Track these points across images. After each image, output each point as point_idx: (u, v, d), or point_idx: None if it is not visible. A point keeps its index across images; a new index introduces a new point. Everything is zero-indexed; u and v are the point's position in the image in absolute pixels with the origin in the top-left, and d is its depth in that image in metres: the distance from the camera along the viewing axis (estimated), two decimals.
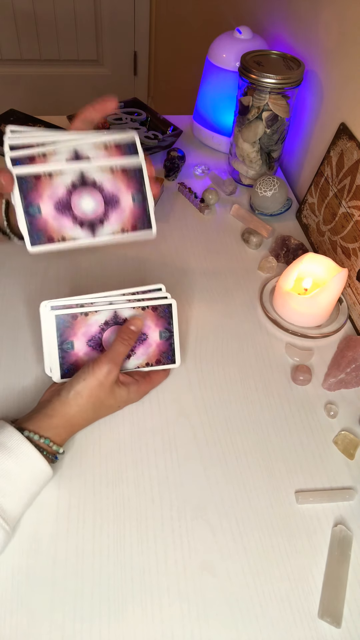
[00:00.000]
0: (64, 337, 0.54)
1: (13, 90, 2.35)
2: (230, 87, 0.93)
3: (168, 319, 0.57)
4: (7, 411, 0.57)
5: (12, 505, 0.45)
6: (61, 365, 0.55)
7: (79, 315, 0.54)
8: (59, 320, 0.53)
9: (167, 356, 0.59)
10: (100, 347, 0.56)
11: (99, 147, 0.53)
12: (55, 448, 0.50)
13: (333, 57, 0.80)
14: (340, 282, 0.66)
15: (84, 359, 0.55)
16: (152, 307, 0.57)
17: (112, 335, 0.56)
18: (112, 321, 0.55)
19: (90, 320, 0.54)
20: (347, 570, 0.48)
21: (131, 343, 0.55)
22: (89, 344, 0.55)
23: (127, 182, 0.54)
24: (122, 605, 0.45)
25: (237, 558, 0.48)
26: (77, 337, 0.55)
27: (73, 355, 0.55)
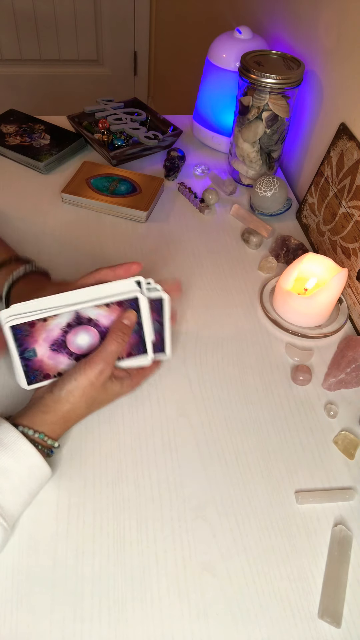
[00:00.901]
0: (24, 346, 0.52)
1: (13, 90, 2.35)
2: (230, 87, 0.93)
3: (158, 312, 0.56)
4: (2, 408, 0.57)
5: (10, 502, 0.45)
6: (26, 373, 0.53)
7: (37, 322, 0.51)
8: (16, 332, 0.51)
9: (138, 348, 0.57)
10: (65, 349, 0.54)
11: (101, 308, 0.54)
12: (50, 442, 0.50)
13: (333, 57, 0.80)
14: (340, 282, 0.66)
15: (50, 363, 0.53)
16: (116, 302, 0.53)
17: (78, 337, 0.54)
18: (75, 322, 0.53)
19: (51, 325, 0.52)
20: (347, 570, 0.48)
21: (125, 339, 0.54)
22: (52, 348, 0.53)
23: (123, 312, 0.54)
24: (122, 605, 0.45)
25: (237, 558, 0.48)
26: (39, 343, 0.52)
27: (37, 361, 0.53)
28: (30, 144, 0.96)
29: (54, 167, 0.94)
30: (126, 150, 0.93)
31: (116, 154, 0.92)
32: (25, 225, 0.82)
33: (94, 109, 1.00)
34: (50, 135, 0.98)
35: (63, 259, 0.76)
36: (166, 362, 0.64)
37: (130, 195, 0.86)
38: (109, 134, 0.96)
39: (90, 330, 0.54)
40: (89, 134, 0.96)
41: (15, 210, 0.84)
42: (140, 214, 0.84)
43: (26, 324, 0.51)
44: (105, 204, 0.85)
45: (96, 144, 0.95)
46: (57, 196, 0.88)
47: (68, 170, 0.94)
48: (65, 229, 0.82)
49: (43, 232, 0.81)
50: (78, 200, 0.86)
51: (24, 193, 0.88)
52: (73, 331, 0.53)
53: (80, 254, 0.78)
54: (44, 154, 0.93)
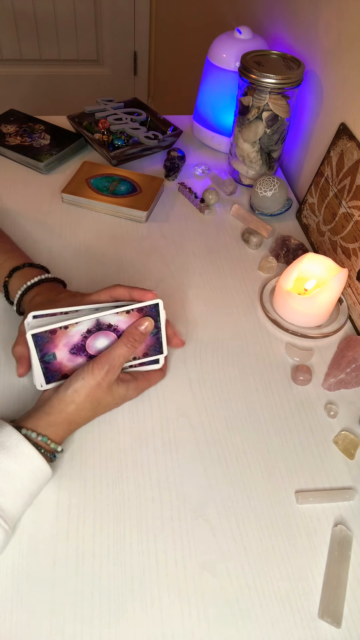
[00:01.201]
0: (44, 352, 0.53)
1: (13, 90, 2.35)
2: (230, 87, 0.93)
3: (155, 318, 0.56)
4: (6, 411, 0.57)
5: (11, 504, 0.45)
6: (45, 374, 0.54)
7: (59, 330, 0.52)
8: (37, 339, 0.52)
9: (155, 348, 0.58)
10: (84, 352, 0.55)
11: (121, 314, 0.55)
12: (53, 446, 0.50)
13: (333, 57, 0.80)
14: (340, 282, 0.66)
15: (69, 365, 0.54)
16: (137, 309, 0.55)
17: (97, 341, 0.55)
18: (95, 328, 0.54)
19: (71, 331, 0.53)
20: (347, 570, 0.48)
21: (136, 346, 0.54)
22: (72, 352, 0.54)
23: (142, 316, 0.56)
24: (122, 605, 0.45)
25: (237, 558, 0.48)
26: (59, 348, 0.53)
27: (57, 364, 0.54)
28: (30, 144, 0.96)
29: (54, 167, 0.94)
30: (126, 150, 0.93)
31: (116, 154, 0.92)
32: (25, 225, 0.82)
33: (94, 109, 1.00)
34: (50, 135, 0.98)
35: (63, 259, 0.76)
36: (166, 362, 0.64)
37: (130, 195, 0.86)
38: (109, 134, 0.96)
39: (110, 334, 0.55)
40: (89, 134, 0.96)
41: (15, 210, 0.84)
42: (140, 214, 0.84)
43: (47, 332, 0.52)
44: (105, 204, 0.85)
45: (96, 144, 0.95)
46: (57, 196, 0.88)
47: (68, 170, 0.94)
48: (65, 229, 0.82)
49: (43, 233, 0.81)
50: (78, 200, 0.86)
51: (24, 193, 0.88)
52: (93, 336, 0.54)
53: (80, 254, 0.78)
54: (44, 154, 0.93)
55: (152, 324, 0.55)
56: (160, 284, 0.74)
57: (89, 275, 0.74)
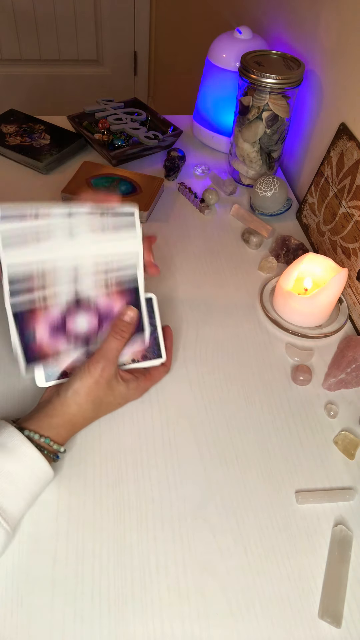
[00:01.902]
0: (23, 328, 0.51)
1: (13, 90, 2.35)
2: (230, 87, 0.93)
3: (150, 313, 0.56)
4: (8, 411, 0.57)
5: (13, 505, 0.45)
6: (25, 354, 0.53)
7: (37, 308, 0.51)
8: (16, 311, 0.51)
9: (153, 351, 0.58)
10: (64, 332, 0.53)
11: (99, 272, 0.53)
12: (55, 447, 0.50)
13: (333, 57, 0.80)
14: (340, 282, 0.66)
15: (50, 343, 0.53)
16: (117, 288, 0.54)
17: (75, 318, 0.53)
18: (74, 304, 0.52)
19: (50, 304, 0.52)
20: (347, 570, 0.48)
21: (126, 336, 0.54)
22: (52, 333, 0.53)
23: (122, 296, 0.55)
24: (122, 605, 0.45)
25: (237, 558, 0.48)
26: (38, 325, 0.52)
27: (37, 346, 0.52)
28: (30, 144, 0.96)
29: (54, 167, 0.94)
30: (126, 150, 0.93)
31: (116, 154, 0.92)
32: None
33: (94, 109, 1.00)
34: (50, 135, 0.98)
35: None
36: None
37: (130, 195, 0.86)
38: (109, 134, 0.97)
39: (89, 313, 0.54)
40: (89, 134, 0.96)
41: None
42: (140, 214, 0.83)
43: (26, 307, 0.51)
44: None
45: (96, 144, 0.95)
46: (57, 196, 0.88)
47: (68, 170, 0.94)
48: None
49: None
50: None
51: (24, 193, 0.88)
52: (72, 313, 0.53)
53: None
54: (44, 154, 0.93)
55: (136, 312, 0.54)
56: (160, 284, 0.74)
57: None
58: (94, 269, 0.53)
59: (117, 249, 0.54)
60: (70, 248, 0.52)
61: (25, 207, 0.50)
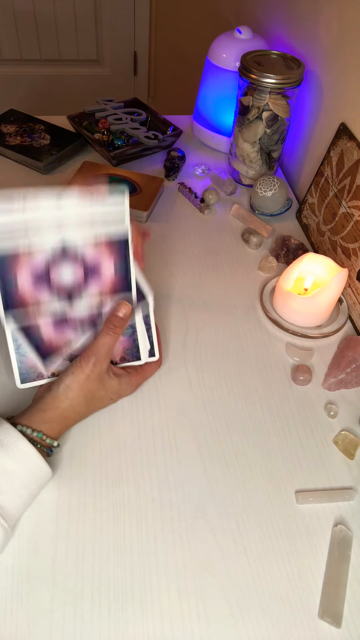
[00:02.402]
0: (5, 278, 0.50)
1: (13, 90, 2.35)
2: (230, 87, 0.93)
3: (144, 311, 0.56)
4: (4, 409, 0.57)
5: (10, 502, 0.45)
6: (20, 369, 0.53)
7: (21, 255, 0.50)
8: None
9: (132, 353, 0.57)
10: (47, 282, 0.52)
11: (86, 225, 0.52)
12: (49, 441, 0.50)
13: (333, 57, 0.80)
14: (340, 282, 0.66)
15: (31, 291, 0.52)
16: (105, 242, 0.52)
17: (60, 269, 0.52)
18: (60, 256, 0.51)
19: (35, 256, 0.50)
20: (347, 570, 0.48)
21: (118, 332, 0.53)
22: (35, 281, 0.51)
23: (111, 251, 0.53)
24: (122, 605, 0.45)
25: (237, 558, 0.48)
26: (20, 273, 0.50)
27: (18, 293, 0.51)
28: (30, 144, 0.96)
29: (54, 167, 0.94)
30: (126, 150, 0.93)
31: (116, 154, 0.92)
32: None
33: (94, 109, 1.00)
34: (50, 135, 0.98)
35: None
36: (166, 362, 0.64)
37: (130, 195, 0.86)
38: (109, 134, 0.97)
39: (75, 265, 0.52)
40: (89, 134, 0.96)
41: None
42: (140, 214, 0.84)
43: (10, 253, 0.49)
44: None
45: (96, 144, 0.95)
46: None
47: (68, 170, 0.94)
48: None
49: None
50: None
51: None
52: (57, 264, 0.52)
53: None
54: (44, 154, 0.93)
55: (130, 309, 0.54)
56: (160, 284, 0.74)
57: None
58: (79, 220, 0.51)
59: (103, 208, 0.52)
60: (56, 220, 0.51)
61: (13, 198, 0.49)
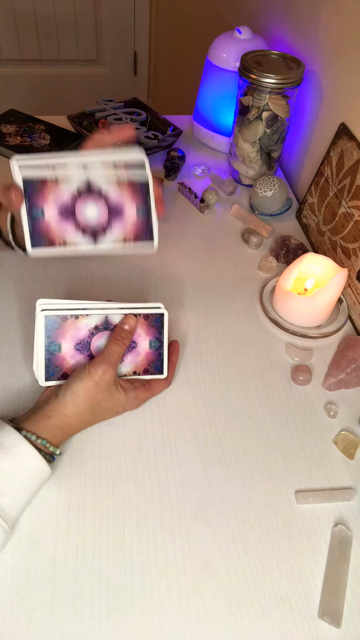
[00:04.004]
0: (51, 339, 0.53)
1: (13, 90, 2.35)
2: (230, 87, 0.93)
3: (159, 329, 0.57)
4: (5, 410, 0.57)
5: (10, 504, 0.45)
6: (46, 366, 0.54)
7: (69, 318, 0.53)
8: (48, 321, 0.53)
9: (156, 366, 0.58)
10: (88, 352, 0.55)
11: (109, 166, 0.54)
12: (52, 449, 0.50)
13: (333, 57, 0.80)
14: (340, 282, 0.66)
15: (70, 362, 0.54)
16: (143, 315, 0.56)
17: (101, 340, 0.55)
18: (103, 326, 0.55)
19: (80, 323, 0.54)
20: (347, 570, 0.48)
21: (126, 343, 0.54)
22: (77, 348, 0.54)
23: (133, 194, 0.54)
24: (122, 605, 0.45)
25: (237, 558, 0.48)
26: (65, 339, 0.54)
27: (59, 357, 0.54)
28: (30, 144, 0.96)
29: None
30: None
31: None
32: None
33: (94, 109, 1.01)
34: (50, 135, 0.98)
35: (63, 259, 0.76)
36: None
37: None
38: None
39: (100, 203, 0.54)
40: (89, 134, 0.96)
41: None
42: None
43: (58, 317, 0.53)
44: None
45: None
46: None
47: None
48: None
49: None
50: None
51: None
52: (83, 199, 0.53)
53: None
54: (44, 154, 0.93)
55: (136, 321, 0.55)
56: (160, 284, 0.74)
57: (89, 276, 0.74)
58: (103, 162, 0.53)
59: (124, 155, 0.54)
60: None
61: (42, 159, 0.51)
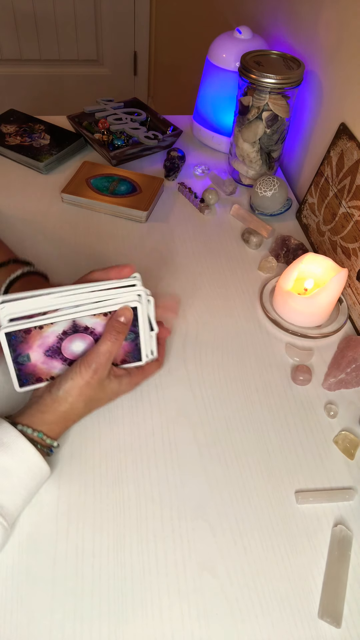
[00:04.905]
0: (17, 352, 0.51)
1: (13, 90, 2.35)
2: (230, 87, 0.93)
3: (133, 322, 0.54)
4: (2, 408, 0.57)
5: (9, 501, 0.46)
6: (18, 376, 0.53)
7: (33, 330, 0.51)
8: (10, 338, 0.50)
9: (133, 355, 0.57)
10: (60, 355, 0.53)
11: (98, 317, 0.53)
12: (49, 441, 0.50)
13: (333, 57, 0.80)
14: (340, 282, 0.66)
15: (43, 367, 0.53)
16: (114, 312, 0.54)
17: (74, 344, 0.53)
18: (71, 330, 0.52)
19: (46, 332, 0.52)
20: (347, 570, 0.48)
21: (121, 338, 0.53)
22: (47, 354, 0.53)
23: None
24: (122, 605, 0.45)
25: (237, 558, 0.48)
26: (33, 349, 0.52)
27: (30, 366, 0.53)
28: (30, 144, 0.96)
29: (54, 167, 0.94)
30: (126, 150, 0.93)
31: (116, 154, 0.92)
32: (25, 225, 0.82)
33: (94, 109, 1.00)
34: (50, 135, 0.98)
35: (63, 259, 0.76)
36: (166, 362, 0.64)
37: (130, 195, 0.86)
38: (109, 134, 0.96)
39: (86, 338, 0.54)
40: (89, 134, 0.96)
41: (15, 210, 0.84)
42: (140, 214, 0.84)
43: (21, 331, 0.50)
44: (105, 204, 0.85)
45: (96, 144, 0.95)
46: (57, 196, 0.88)
47: (68, 170, 0.94)
48: (65, 229, 0.82)
49: (43, 232, 0.81)
50: (78, 200, 0.86)
51: (24, 193, 0.88)
52: (68, 338, 0.53)
53: (80, 254, 0.78)
54: (44, 154, 0.93)
55: (132, 313, 0.53)
56: (160, 284, 0.74)
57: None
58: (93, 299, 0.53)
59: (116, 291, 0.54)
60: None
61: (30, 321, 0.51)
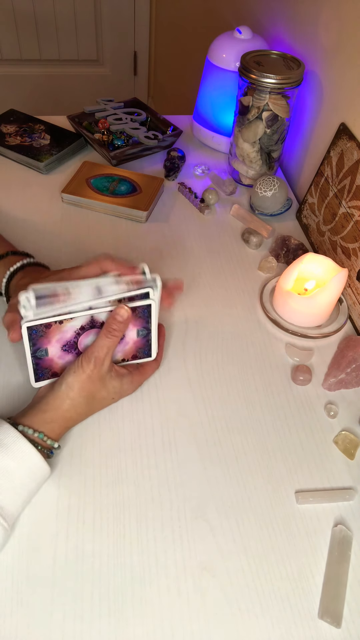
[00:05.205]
0: (37, 346, 0.53)
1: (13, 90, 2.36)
2: (230, 87, 0.93)
3: (147, 319, 0.56)
4: (2, 409, 0.57)
5: (9, 502, 0.46)
6: (35, 370, 0.54)
7: (53, 324, 0.52)
8: (32, 332, 0.52)
9: (144, 351, 0.59)
10: (76, 350, 0.55)
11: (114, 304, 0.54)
12: (50, 443, 0.50)
13: (333, 57, 0.80)
14: (340, 282, 0.66)
15: (59, 363, 0.55)
16: (131, 309, 0.55)
17: (89, 338, 0.55)
18: (89, 325, 0.54)
19: (65, 327, 0.53)
20: (347, 570, 0.48)
21: (118, 335, 0.53)
22: (64, 349, 0.54)
23: (135, 319, 0.56)
24: (122, 605, 0.45)
25: (237, 558, 0.48)
26: (52, 343, 0.53)
27: (47, 360, 0.54)
28: (30, 144, 0.96)
29: (54, 167, 0.94)
30: (126, 150, 0.93)
31: (116, 154, 0.92)
32: (25, 225, 0.82)
33: (94, 109, 1.00)
34: (50, 135, 0.98)
35: (63, 259, 0.76)
36: (166, 362, 0.64)
37: (130, 195, 0.86)
38: (109, 134, 0.96)
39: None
40: (89, 134, 0.96)
41: (15, 210, 0.84)
42: (140, 214, 0.84)
43: (42, 326, 0.52)
44: (105, 204, 0.85)
45: (96, 144, 0.95)
46: (57, 196, 0.88)
47: (68, 170, 0.94)
48: (65, 229, 0.82)
49: (43, 233, 0.81)
50: (78, 200, 0.86)
51: (24, 193, 0.88)
52: (85, 333, 0.54)
53: (80, 254, 0.78)
54: (44, 154, 0.93)
55: (129, 312, 0.54)
56: None
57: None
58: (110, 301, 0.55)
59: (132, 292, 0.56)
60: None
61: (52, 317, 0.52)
